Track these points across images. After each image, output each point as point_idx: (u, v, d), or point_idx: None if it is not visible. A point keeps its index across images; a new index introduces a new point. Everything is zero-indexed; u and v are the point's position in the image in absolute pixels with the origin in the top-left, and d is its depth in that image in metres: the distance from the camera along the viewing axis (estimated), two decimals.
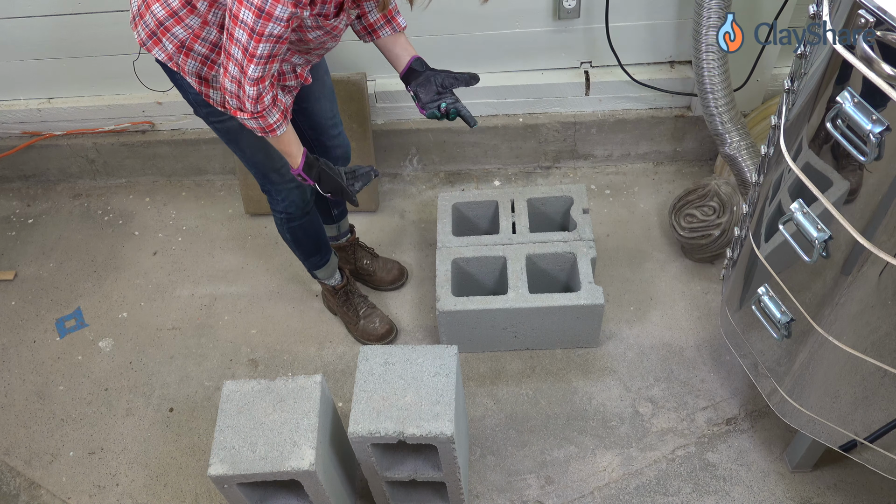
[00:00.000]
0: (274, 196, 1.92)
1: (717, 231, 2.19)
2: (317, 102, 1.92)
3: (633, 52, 2.41)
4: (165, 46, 1.61)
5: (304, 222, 1.99)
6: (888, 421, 1.45)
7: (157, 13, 1.57)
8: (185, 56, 1.61)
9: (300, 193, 1.91)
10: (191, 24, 1.57)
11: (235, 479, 1.57)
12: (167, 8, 1.56)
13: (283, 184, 1.87)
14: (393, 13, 1.75)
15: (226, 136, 1.79)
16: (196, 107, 1.74)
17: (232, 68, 1.46)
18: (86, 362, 2.28)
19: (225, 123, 1.74)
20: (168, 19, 1.57)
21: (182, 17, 1.56)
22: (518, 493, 1.91)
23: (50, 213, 2.75)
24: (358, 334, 2.23)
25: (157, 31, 1.59)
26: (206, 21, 1.56)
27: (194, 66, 1.62)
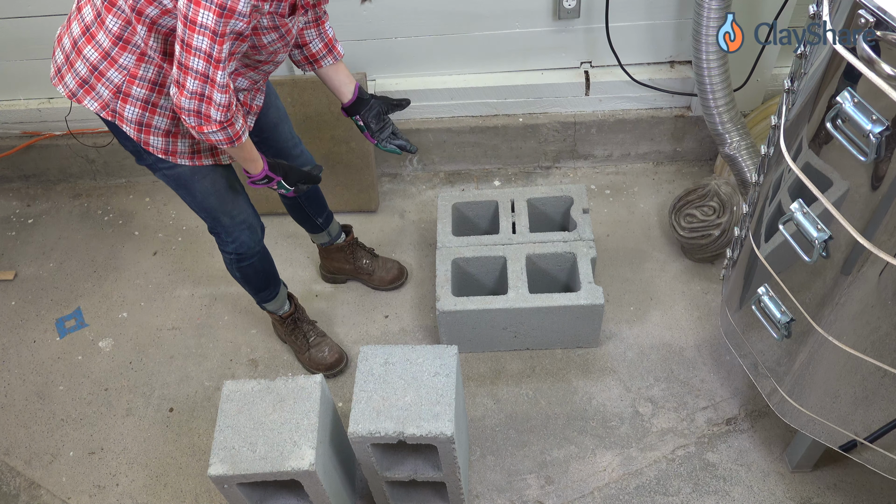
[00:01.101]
0: (224, 238, 1.87)
1: (717, 231, 2.19)
2: (275, 130, 1.90)
3: (633, 52, 2.41)
4: (100, 94, 1.52)
5: (255, 261, 1.95)
6: (888, 421, 1.45)
7: (89, 57, 1.49)
8: (123, 102, 1.52)
9: (250, 234, 1.87)
10: (125, 63, 1.49)
11: (235, 479, 1.57)
12: (99, 49, 1.48)
13: (233, 226, 1.83)
14: (333, 41, 1.75)
15: (175, 182, 1.71)
16: (137, 156, 1.66)
17: (192, 83, 1.37)
18: (86, 362, 2.28)
19: (174, 170, 1.66)
20: (101, 62, 1.49)
21: (115, 57, 1.48)
22: (518, 493, 1.91)
23: (50, 213, 2.75)
24: (307, 363, 2.17)
25: (91, 77, 1.50)
26: (143, 54, 1.47)
27: (134, 113, 1.54)
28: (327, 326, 2.28)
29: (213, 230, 1.87)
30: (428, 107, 2.54)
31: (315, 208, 2.16)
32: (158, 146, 1.61)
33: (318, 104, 2.39)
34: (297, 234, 2.55)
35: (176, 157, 1.64)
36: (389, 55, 2.44)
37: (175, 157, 1.64)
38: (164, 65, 1.49)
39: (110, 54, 1.48)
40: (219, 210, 1.79)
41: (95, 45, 1.48)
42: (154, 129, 1.57)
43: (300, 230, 2.56)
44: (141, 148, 1.61)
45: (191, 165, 1.67)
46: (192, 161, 1.66)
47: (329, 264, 2.37)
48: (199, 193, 1.75)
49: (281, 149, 1.94)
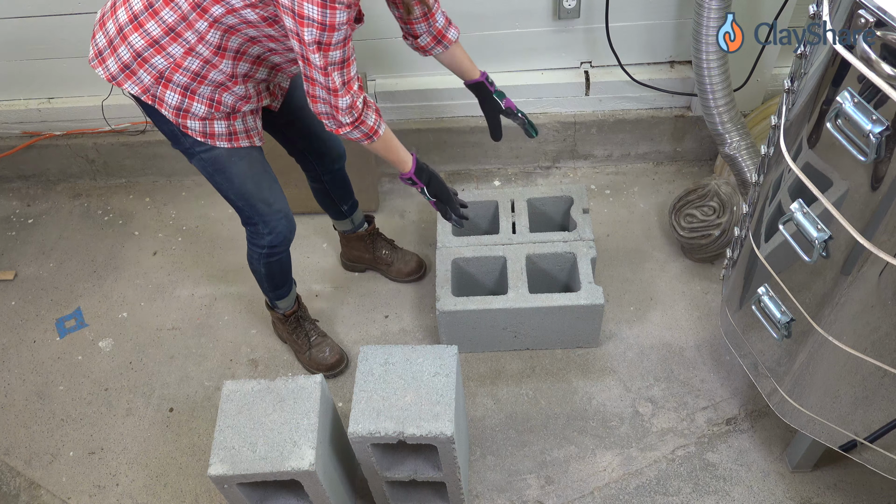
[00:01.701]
0: (260, 230, 1.85)
1: (717, 231, 2.19)
2: (302, 111, 1.91)
3: (633, 52, 2.41)
4: (141, 79, 1.55)
5: (283, 256, 1.95)
6: (888, 421, 1.45)
7: (134, 44, 1.52)
8: (164, 88, 1.56)
9: (287, 224, 1.87)
10: (173, 52, 1.52)
11: (235, 479, 1.57)
12: (147, 37, 1.51)
13: (270, 214, 1.82)
14: (442, 31, 1.78)
15: (213, 165, 1.72)
16: (174, 140, 1.69)
17: (319, 92, 1.48)
18: (86, 362, 2.28)
19: (211, 152, 1.68)
20: (147, 49, 1.52)
21: (164, 45, 1.51)
22: (518, 493, 1.91)
23: (50, 213, 2.75)
24: (307, 363, 2.17)
25: (134, 62, 1.53)
26: (192, 49, 1.51)
27: (174, 99, 1.58)
28: (327, 326, 2.28)
29: (250, 220, 1.85)
30: (428, 107, 2.54)
31: (341, 195, 2.17)
32: (196, 129, 1.64)
33: None
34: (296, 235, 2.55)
35: (214, 140, 1.67)
36: (389, 55, 2.44)
37: (213, 140, 1.67)
38: (212, 59, 1.54)
39: (159, 42, 1.51)
40: (256, 196, 1.79)
41: (143, 33, 1.50)
42: (192, 114, 1.61)
43: (299, 230, 2.56)
44: (179, 131, 1.64)
45: (228, 147, 1.69)
46: (230, 143, 1.69)
47: (349, 252, 2.39)
48: (237, 177, 1.75)
49: (307, 130, 1.95)
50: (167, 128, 1.66)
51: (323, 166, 2.06)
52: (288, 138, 1.99)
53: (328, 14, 1.36)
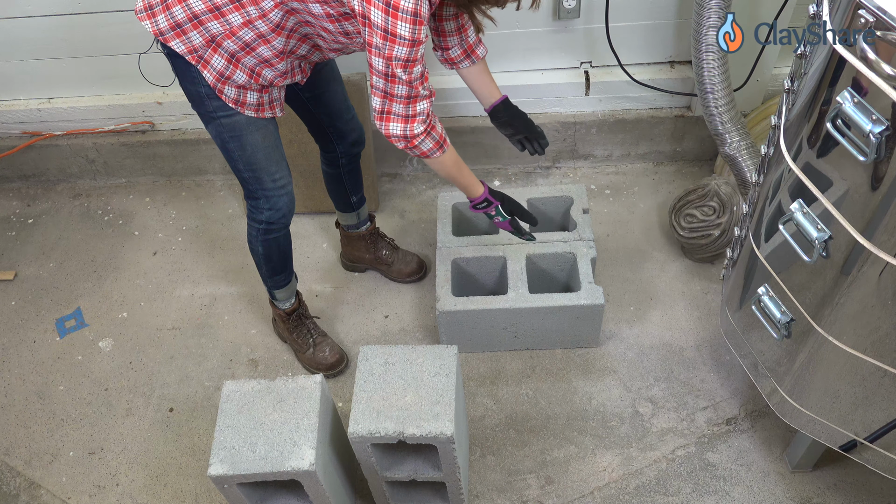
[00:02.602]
0: (261, 204, 1.86)
1: (717, 231, 2.19)
2: (328, 86, 1.92)
3: (633, 52, 2.41)
4: (190, 39, 1.55)
5: (281, 235, 1.95)
6: (888, 421, 1.45)
7: (193, 6, 1.51)
8: (213, 52, 1.57)
9: (288, 202, 1.88)
10: (232, 20, 1.52)
11: (235, 479, 1.57)
12: (209, 3, 1.51)
13: (274, 189, 1.84)
14: (473, 47, 1.83)
15: (230, 131, 1.72)
16: (198, 101, 1.69)
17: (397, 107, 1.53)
18: (86, 362, 2.28)
19: (233, 118, 1.70)
20: (206, 13, 1.52)
21: (224, 12, 1.52)
22: (518, 493, 1.91)
23: (50, 213, 2.75)
24: (307, 363, 2.17)
25: (188, 23, 1.53)
26: (250, 21, 1.53)
27: (220, 63, 1.59)
28: (327, 326, 2.28)
29: (252, 193, 1.86)
30: None
31: (353, 184, 2.18)
32: (231, 95, 1.66)
33: None
34: (296, 234, 2.55)
35: (244, 108, 1.69)
36: None
37: (243, 108, 1.69)
38: (267, 35, 1.56)
39: (220, 9, 1.51)
40: (264, 169, 1.80)
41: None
42: (232, 80, 1.63)
43: (299, 230, 2.57)
44: (210, 94, 1.65)
45: (252, 116, 1.71)
46: (257, 112, 1.71)
47: (350, 252, 2.39)
48: (250, 146, 1.76)
49: (332, 108, 1.97)
50: (197, 89, 1.65)
51: (343, 147, 2.07)
52: (312, 114, 1.99)
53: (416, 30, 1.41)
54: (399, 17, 1.38)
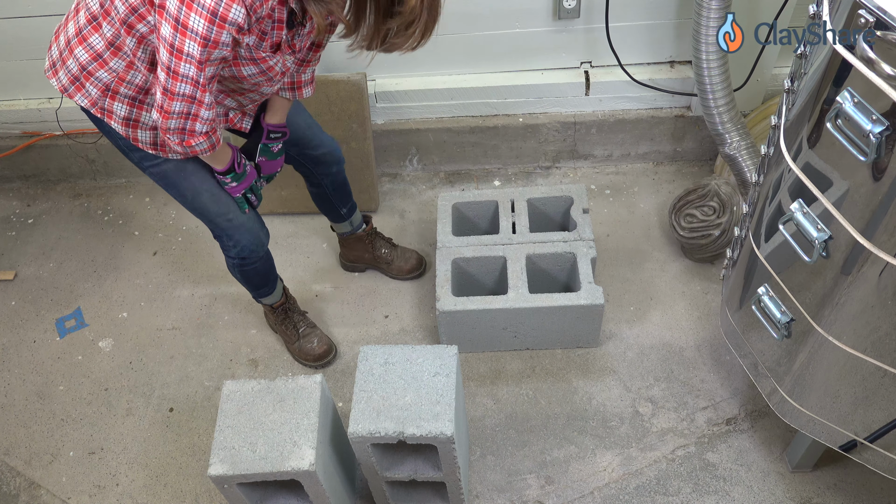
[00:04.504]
0: (225, 242, 1.85)
1: (717, 231, 2.19)
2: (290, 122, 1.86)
3: (633, 52, 2.41)
4: (89, 92, 1.55)
5: (258, 265, 1.94)
6: (888, 421, 1.45)
7: (80, 57, 1.51)
8: (112, 99, 1.55)
9: (251, 238, 1.85)
10: (115, 67, 1.51)
11: (235, 479, 1.57)
12: (90, 51, 1.50)
13: (231, 229, 1.81)
14: (302, 84, 1.76)
15: (164, 180, 1.70)
16: (127, 152, 1.67)
17: (178, 105, 1.41)
18: (86, 362, 2.28)
19: (160, 167, 1.67)
20: (91, 63, 1.51)
21: (106, 59, 1.50)
22: (518, 493, 1.91)
23: (50, 213, 2.75)
24: (296, 354, 2.19)
25: (81, 75, 1.53)
26: (131, 63, 1.50)
27: (122, 109, 1.56)
28: (327, 326, 2.28)
29: (215, 234, 1.86)
30: (428, 107, 2.54)
31: (340, 198, 2.16)
32: (147, 140, 1.61)
33: (318, 104, 2.38)
34: (296, 234, 2.55)
35: (166, 151, 1.64)
36: (390, 55, 2.43)
37: (164, 151, 1.64)
38: (149, 76, 1.52)
39: (102, 56, 1.50)
40: (213, 211, 1.77)
41: (87, 46, 1.50)
42: (142, 124, 1.59)
43: (299, 230, 2.57)
44: (130, 144, 1.62)
45: (178, 160, 1.67)
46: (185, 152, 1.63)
47: (348, 253, 2.39)
48: (189, 192, 1.72)
49: (297, 139, 1.91)
50: (116, 142, 1.65)
51: (321, 171, 2.04)
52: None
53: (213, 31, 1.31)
54: (194, 10, 1.28)
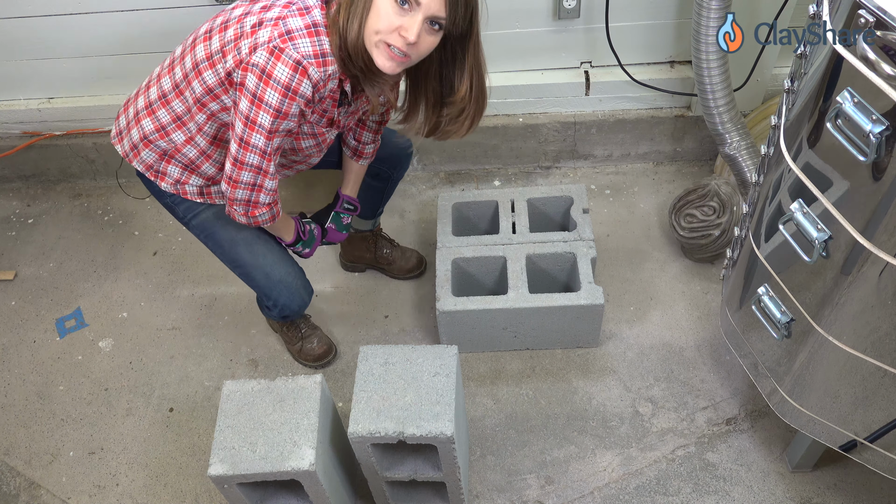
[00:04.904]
0: (264, 303, 1.91)
1: (717, 231, 2.19)
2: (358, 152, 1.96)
3: (633, 52, 2.41)
4: (146, 158, 1.71)
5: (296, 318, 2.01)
6: (888, 421, 1.45)
7: (145, 128, 1.67)
8: (167, 163, 1.70)
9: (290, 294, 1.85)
10: (175, 139, 1.66)
11: (235, 479, 1.57)
12: (156, 123, 1.65)
13: (269, 287, 1.82)
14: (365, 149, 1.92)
15: (204, 231, 1.79)
16: (172, 207, 1.79)
17: (246, 175, 1.54)
18: (86, 362, 2.28)
19: (201, 215, 1.78)
20: (153, 133, 1.66)
21: (169, 132, 1.65)
22: (518, 493, 1.91)
23: (50, 213, 2.75)
24: (296, 354, 2.19)
25: (140, 143, 1.68)
26: (191, 139, 1.65)
27: (175, 172, 1.71)
28: (327, 327, 2.28)
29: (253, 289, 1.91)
30: None
31: (389, 195, 2.22)
32: (194, 190, 1.76)
33: None
34: None
35: (213, 198, 1.79)
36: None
37: (212, 198, 1.77)
38: (207, 150, 1.68)
39: (165, 129, 1.66)
40: (250, 263, 1.80)
41: (154, 119, 1.66)
42: (189, 185, 1.75)
43: None
44: (177, 199, 1.76)
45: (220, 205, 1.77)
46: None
47: (350, 253, 2.39)
48: (226, 241, 1.79)
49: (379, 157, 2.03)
50: (164, 199, 1.78)
51: (397, 167, 2.11)
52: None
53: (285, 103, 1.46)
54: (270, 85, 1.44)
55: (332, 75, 1.50)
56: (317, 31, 1.44)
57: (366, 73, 1.50)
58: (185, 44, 1.63)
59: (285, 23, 1.43)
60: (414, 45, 1.41)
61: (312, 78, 1.44)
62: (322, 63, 1.45)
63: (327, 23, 1.46)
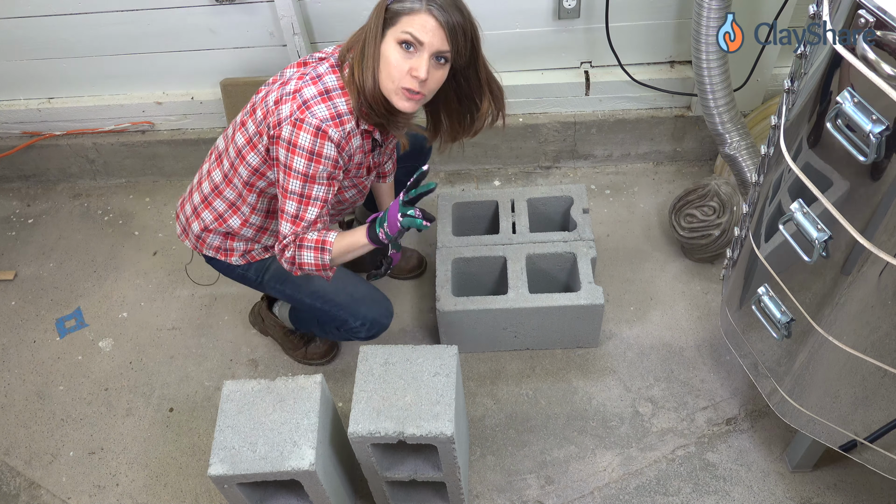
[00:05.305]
0: (351, 324, 1.86)
1: (717, 231, 2.19)
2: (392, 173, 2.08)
3: (633, 52, 2.41)
4: (212, 244, 1.83)
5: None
6: (888, 421, 1.45)
7: (205, 219, 1.79)
8: (231, 241, 1.82)
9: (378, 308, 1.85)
10: (232, 224, 1.78)
11: (235, 479, 1.57)
12: (214, 213, 1.78)
13: (353, 305, 1.83)
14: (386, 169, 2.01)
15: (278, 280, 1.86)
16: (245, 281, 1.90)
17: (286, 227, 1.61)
18: (86, 362, 2.28)
19: (272, 267, 1.86)
20: (213, 223, 1.79)
21: (226, 218, 1.77)
22: (518, 493, 1.91)
23: (50, 213, 2.75)
24: (300, 357, 2.19)
25: (203, 234, 1.81)
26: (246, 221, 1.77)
27: (241, 246, 1.83)
28: None
29: (337, 319, 1.87)
30: None
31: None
32: (260, 252, 1.86)
33: None
34: None
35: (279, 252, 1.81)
36: None
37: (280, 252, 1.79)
38: (263, 225, 1.80)
39: (223, 216, 1.78)
40: (331, 289, 1.84)
41: (212, 210, 1.78)
42: (255, 251, 1.85)
43: None
44: (248, 265, 1.86)
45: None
46: None
47: None
48: (302, 279, 1.84)
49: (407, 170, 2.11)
50: (236, 273, 1.89)
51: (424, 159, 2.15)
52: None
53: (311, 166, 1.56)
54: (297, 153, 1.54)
55: (352, 132, 1.59)
56: (329, 96, 1.55)
57: (388, 118, 1.60)
58: (225, 136, 1.77)
59: (301, 94, 1.55)
60: (425, 82, 1.51)
61: (334, 139, 1.54)
62: (339, 123, 1.55)
63: (342, 84, 1.57)
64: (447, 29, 1.47)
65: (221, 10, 2.32)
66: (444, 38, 1.48)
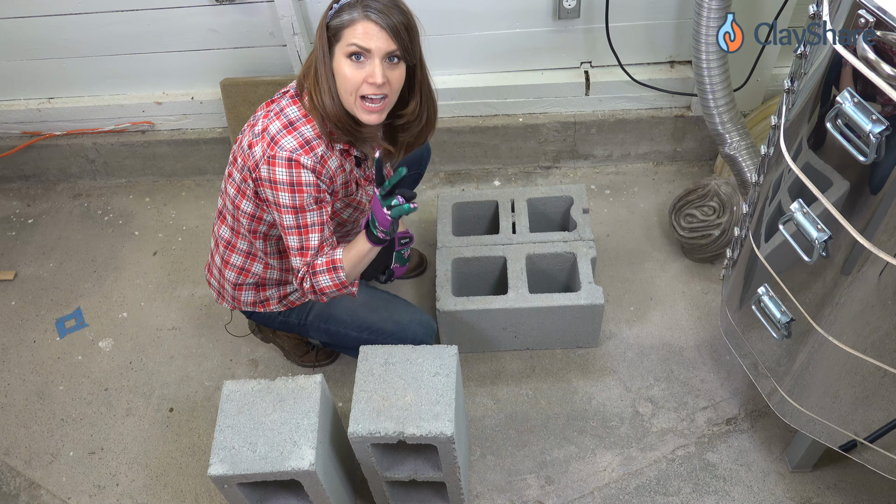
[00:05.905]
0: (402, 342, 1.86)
1: (717, 231, 2.19)
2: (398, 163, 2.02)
3: (633, 52, 2.41)
4: (246, 301, 1.86)
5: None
6: (888, 421, 1.45)
7: (230, 278, 1.82)
8: (264, 291, 1.85)
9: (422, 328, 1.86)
10: (255, 271, 1.80)
11: (235, 479, 1.57)
12: (235, 269, 1.81)
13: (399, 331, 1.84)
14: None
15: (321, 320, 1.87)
16: (288, 327, 1.92)
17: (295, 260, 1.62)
18: (86, 362, 2.28)
19: (311, 311, 1.87)
20: (238, 277, 1.81)
21: (247, 268, 1.80)
22: (518, 493, 1.91)
23: (50, 213, 2.75)
24: (307, 361, 2.19)
25: (235, 292, 1.84)
26: (267, 265, 1.79)
27: (275, 292, 1.85)
28: None
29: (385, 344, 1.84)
30: None
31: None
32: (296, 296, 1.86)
33: None
34: None
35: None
36: None
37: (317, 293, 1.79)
38: (283, 266, 1.82)
39: (244, 268, 1.81)
40: (376, 319, 1.85)
41: (231, 266, 1.81)
42: (291, 295, 1.86)
43: None
44: (287, 311, 1.88)
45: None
46: None
47: None
48: (346, 314, 1.86)
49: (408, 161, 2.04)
50: (278, 321, 1.91)
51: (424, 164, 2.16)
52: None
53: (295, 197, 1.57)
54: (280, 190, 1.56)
55: (325, 155, 1.60)
56: (294, 127, 1.57)
57: (355, 133, 1.60)
58: (221, 194, 1.79)
59: (268, 132, 1.58)
60: (386, 85, 1.52)
61: (307, 165, 1.55)
62: (310, 149, 1.57)
63: (304, 112, 1.59)
64: (389, 30, 1.48)
65: (221, 10, 2.32)
66: (388, 38, 1.48)
